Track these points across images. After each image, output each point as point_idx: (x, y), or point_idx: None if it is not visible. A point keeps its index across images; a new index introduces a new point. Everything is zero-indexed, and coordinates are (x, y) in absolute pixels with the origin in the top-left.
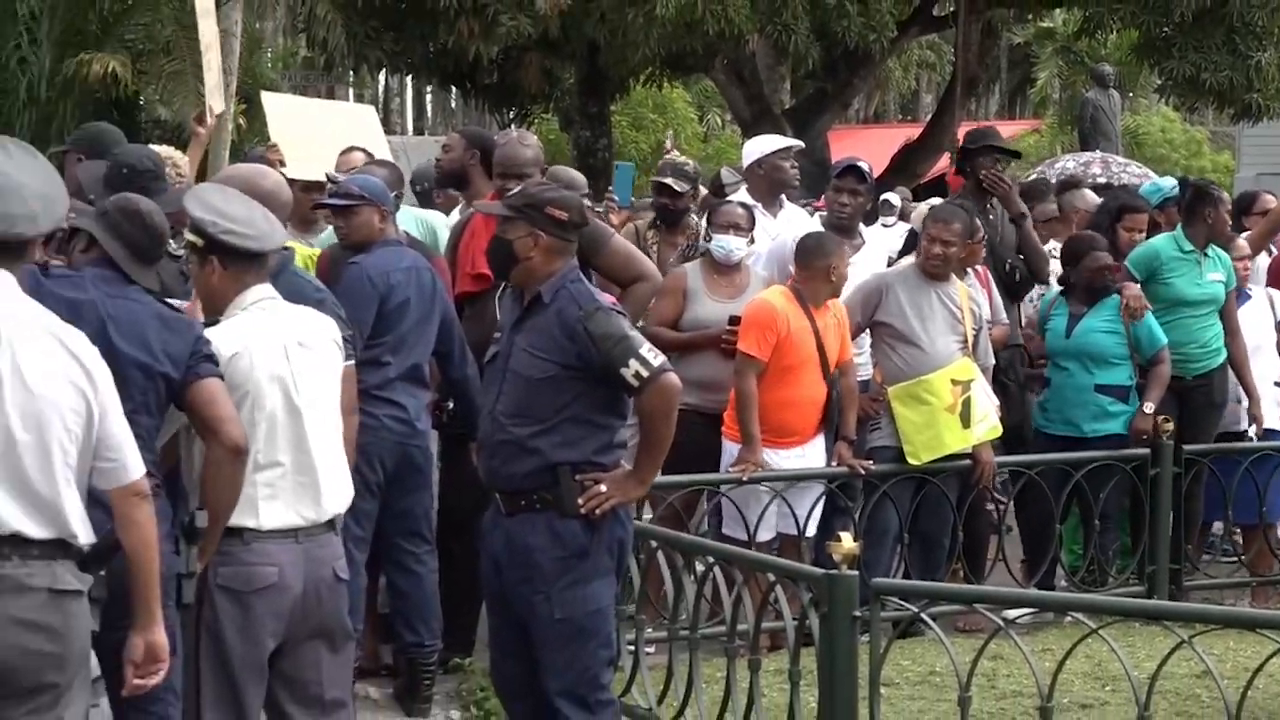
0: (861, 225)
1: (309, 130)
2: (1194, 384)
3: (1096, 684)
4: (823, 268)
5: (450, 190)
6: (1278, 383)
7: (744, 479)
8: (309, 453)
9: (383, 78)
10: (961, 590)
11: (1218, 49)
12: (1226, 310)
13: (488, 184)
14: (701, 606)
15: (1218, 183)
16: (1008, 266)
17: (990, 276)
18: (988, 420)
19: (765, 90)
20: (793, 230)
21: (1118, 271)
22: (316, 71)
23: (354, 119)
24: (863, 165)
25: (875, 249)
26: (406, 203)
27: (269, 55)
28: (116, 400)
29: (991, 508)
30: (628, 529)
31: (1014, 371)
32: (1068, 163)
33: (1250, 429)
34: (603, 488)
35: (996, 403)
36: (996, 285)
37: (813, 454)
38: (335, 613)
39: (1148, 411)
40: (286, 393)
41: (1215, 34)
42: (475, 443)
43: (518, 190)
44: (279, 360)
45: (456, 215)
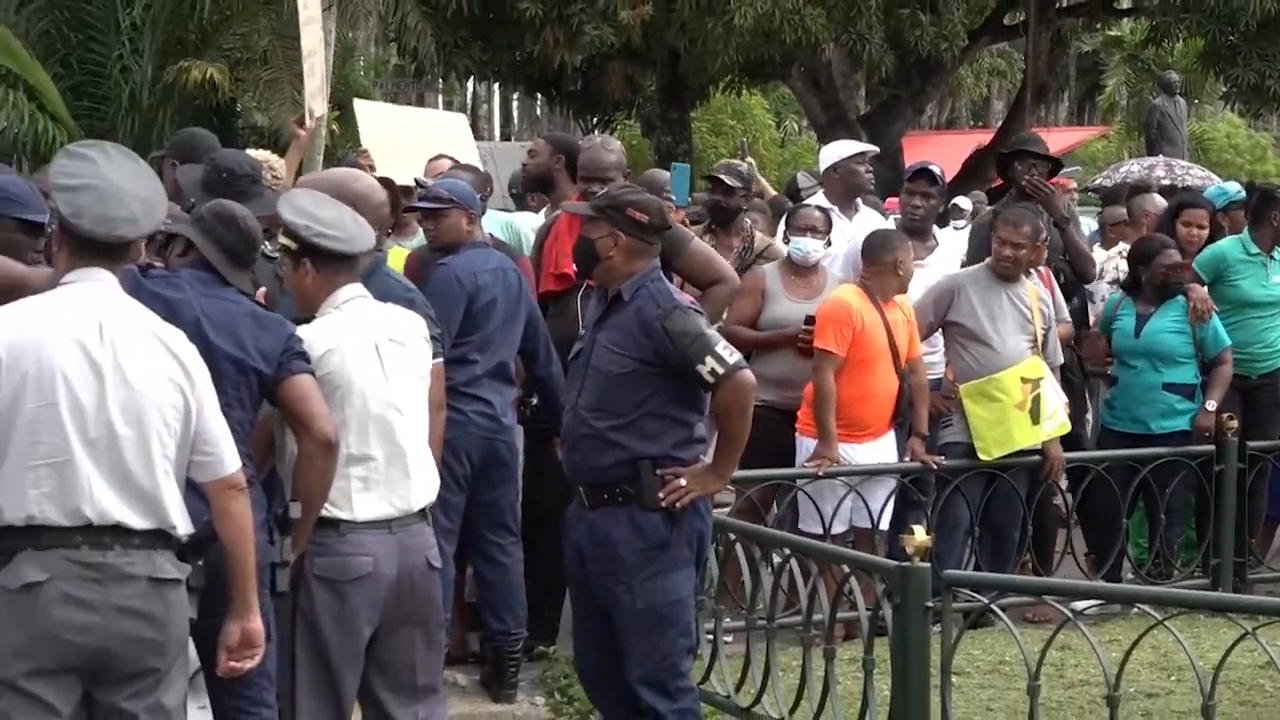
0: (935, 227)
1: (399, 136)
2: (1258, 383)
3: (1162, 674)
4: (889, 263)
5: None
6: None
7: (820, 473)
8: (400, 446)
9: (471, 85)
10: (1031, 582)
11: None
12: None
13: (572, 187)
14: (778, 597)
15: None
16: (1053, 269)
17: (1052, 276)
18: (1057, 417)
19: (841, 97)
20: (868, 233)
21: (1187, 270)
22: (407, 79)
23: (444, 126)
24: (934, 168)
25: (948, 251)
26: (497, 205)
27: (361, 63)
28: (214, 397)
29: (1059, 502)
30: (707, 522)
31: (1074, 369)
32: (1132, 167)
33: None
34: (682, 482)
35: (1065, 400)
36: None
37: (885, 448)
38: (428, 600)
39: (1210, 409)
40: (378, 388)
41: (1279, 42)
42: (559, 437)
43: (602, 192)
44: (370, 357)
45: (542, 217)
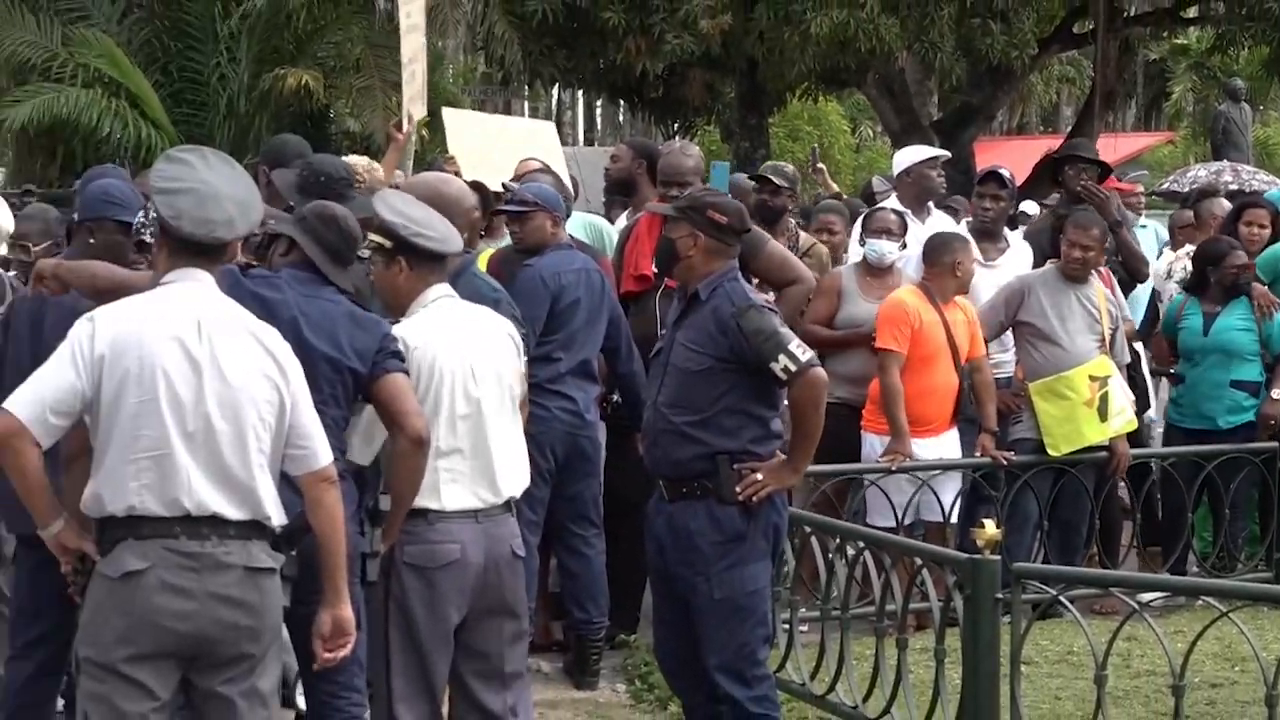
0: (1006, 230)
1: (485, 142)
2: None
3: (1226, 664)
4: (948, 264)
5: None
6: None
7: (893, 468)
8: (486, 440)
9: (555, 92)
10: (1098, 575)
11: None
12: None
13: (653, 191)
14: (852, 588)
15: None
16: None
17: (1113, 275)
18: (1124, 414)
19: (914, 104)
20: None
21: (1251, 270)
22: (494, 86)
23: (531, 133)
24: (1003, 172)
25: (1019, 252)
26: (583, 208)
27: (450, 71)
28: (307, 393)
29: (1126, 497)
30: (783, 515)
31: (1137, 368)
32: (1200, 172)
33: None
34: (759, 476)
35: (1132, 397)
36: None
37: (948, 443)
38: (514, 588)
39: (1276, 398)
40: (466, 385)
41: None
42: (640, 432)
43: (685, 194)
44: (459, 354)
45: (624, 220)
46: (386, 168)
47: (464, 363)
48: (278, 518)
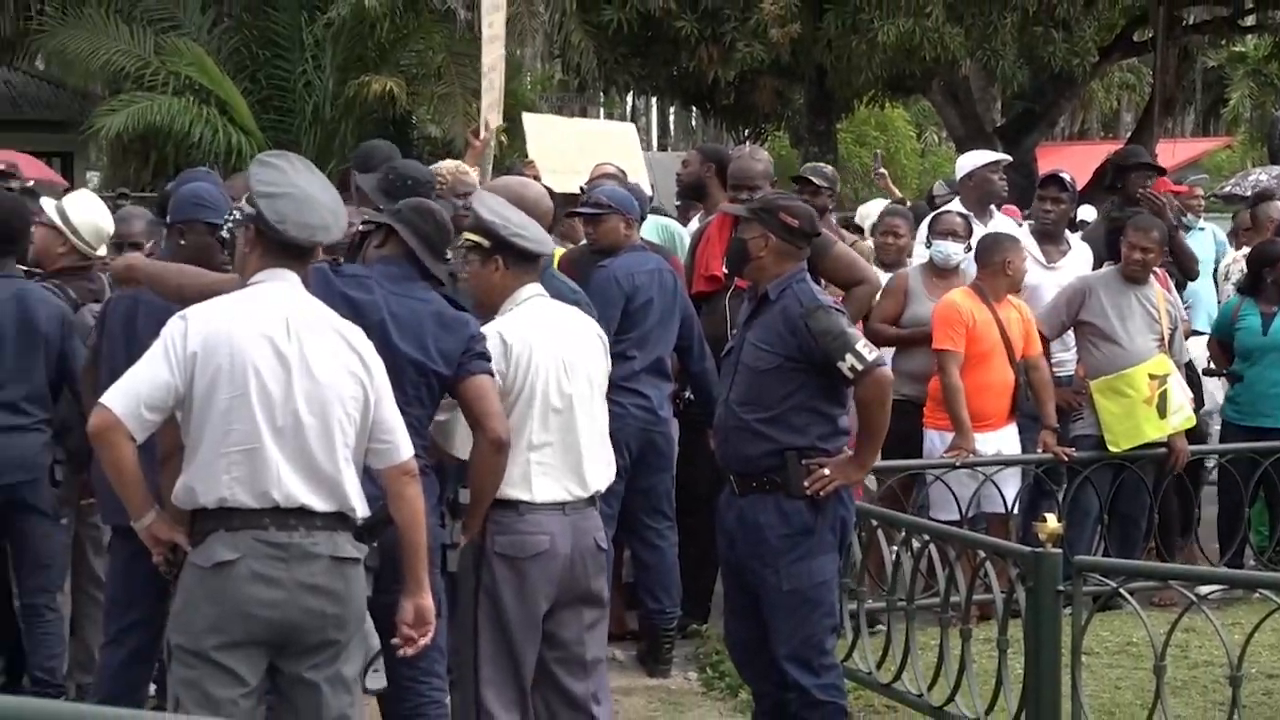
0: (1067, 232)
1: (563, 146)
2: None
3: None
4: (999, 263)
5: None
6: None
7: (958, 464)
8: (576, 435)
9: (630, 98)
10: (1157, 567)
11: None
12: None
13: (723, 194)
14: (917, 580)
15: None
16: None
17: (1168, 276)
18: (1182, 411)
19: (978, 110)
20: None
21: None
22: (571, 93)
23: (612, 136)
24: (1064, 176)
25: (1080, 255)
26: (657, 211)
27: (528, 79)
28: (389, 388)
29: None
30: (850, 509)
31: (1193, 365)
32: (1260, 175)
33: None
34: (826, 471)
35: (1190, 395)
36: None
37: (1006, 438)
38: (597, 578)
39: None
40: (559, 380)
41: None
42: (712, 429)
43: (759, 196)
44: (554, 351)
45: (696, 223)
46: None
47: (558, 359)
48: (361, 510)
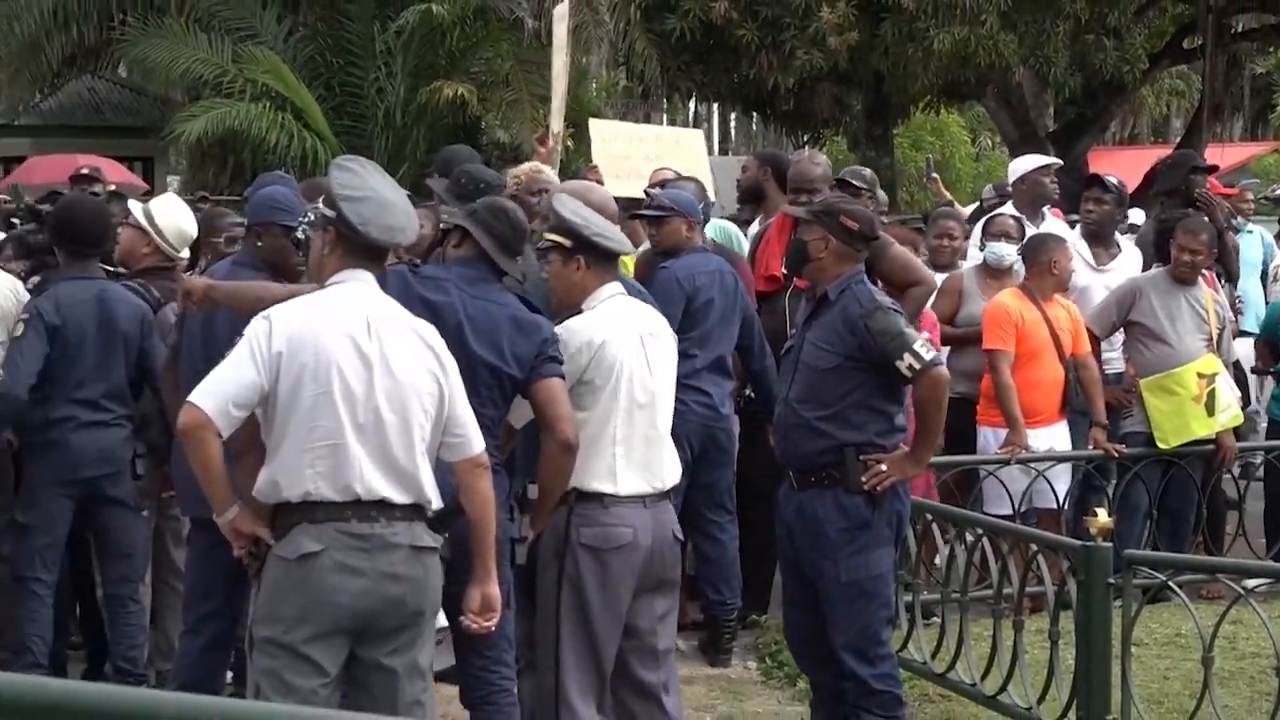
0: (1119, 236)
1: (629, 152)
2: None
3: None
4: (1044, 263)
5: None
6: None
7: (1012, 459)
8: (657, 429)
9: (692, 104)
10: (1205, 561)
11: None
12: None
13: (780, 197)
14: (971, 573)
15: None
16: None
17: (1215, 277)
18: (1230, 409)
19: (1031, 115)
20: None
21: None
22: (634, 99)
23: (679, 141)
24: (1109, 178)
25: (1130, 257)
26: (719, 214)
27: (594, 86)
28: (461, 385)
29: (1232, 487)
30: (906, 503)
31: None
32: None
33: None
34: (883, 466)
35: (1238, 394)
36: None
37: (1058, 434)
38: (673, 570)
39: None
40: (642, 376)
41: None
42: (771, 425)
43: (820, 199)
44: (637, 347)
45: (756, 226)
46: None
47: (641, 355)
48: (435, 501)
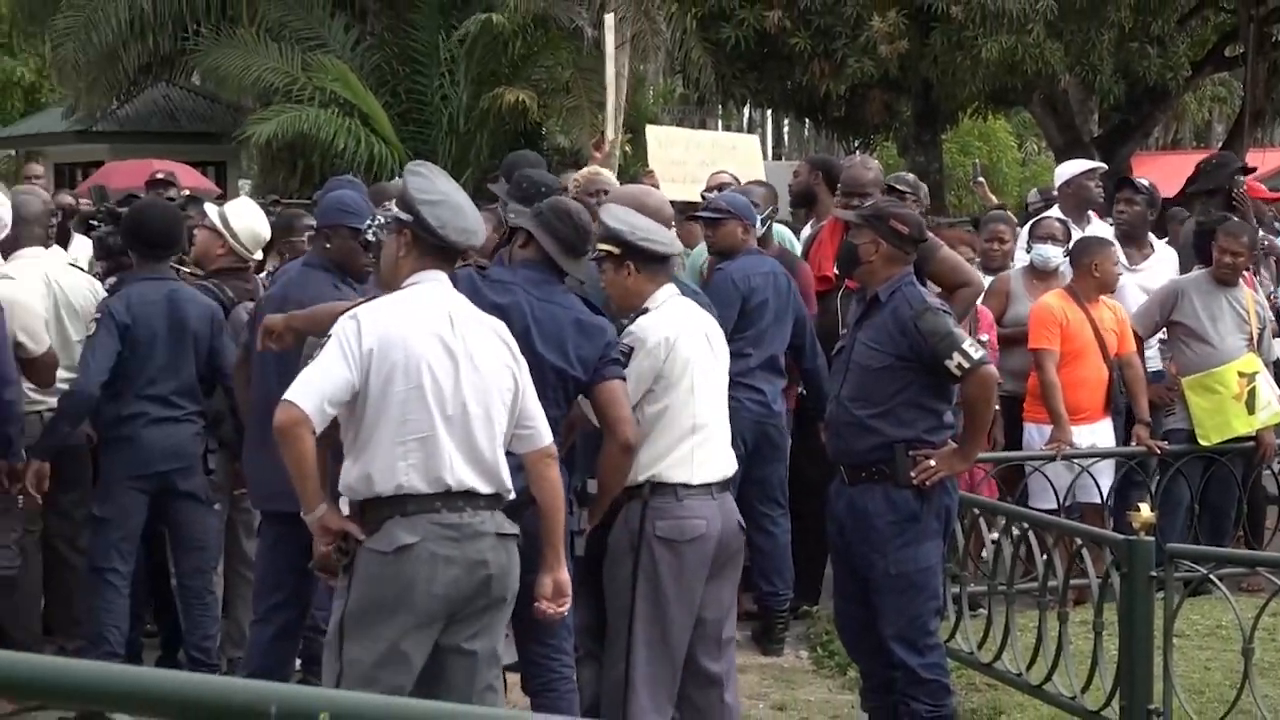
0: (1152, 237)
1: (685, 157)
2: None
3: None
4: (1087, 265)
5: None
6: None
7: (1057, 456)
8: (722, 420)
9: (746, 111)
10: (1246, 555)
11: None
12: None
13: (831, 200)
14: (1017, 565)
15: None
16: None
17: (1253, 277)
18: (1270, 407)
19: (1076, 121)
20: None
21: None
22: (690, 106)
23: (735, 147)
24: (1139, 180)
25: (1164, 258)
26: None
27: (650, 92)
28: (530, 379)
29: (1272, 483)
30: (954, 498)
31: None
32: None
33: None
34: (932, 462)
35: (1278, 392)
36: None
37: (1101, 431)
38: (738, 558)
39: None
40: (708, 370)
41: None
42: (823, 422)
43: (870, 204)
44: (703, 344)
45: (808, 229)
46: None
47: (707, 351)
48: (512, 491)
